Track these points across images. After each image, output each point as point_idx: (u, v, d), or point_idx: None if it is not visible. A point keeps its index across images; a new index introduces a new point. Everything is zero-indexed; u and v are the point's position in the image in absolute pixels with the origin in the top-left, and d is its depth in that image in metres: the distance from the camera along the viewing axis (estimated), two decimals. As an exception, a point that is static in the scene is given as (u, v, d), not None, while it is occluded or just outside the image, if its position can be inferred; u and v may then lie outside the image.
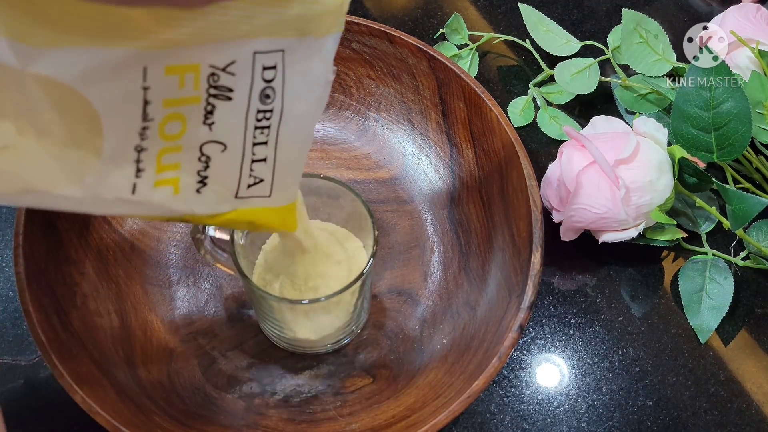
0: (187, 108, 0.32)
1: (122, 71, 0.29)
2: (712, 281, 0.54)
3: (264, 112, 0.35)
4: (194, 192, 0.36)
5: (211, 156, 0.35)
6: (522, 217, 0.48)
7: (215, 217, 0.38)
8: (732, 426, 0.50)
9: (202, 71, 0.31)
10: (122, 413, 0.42)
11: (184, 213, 0.36)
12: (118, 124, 0.30)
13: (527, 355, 0.52)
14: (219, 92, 0.33)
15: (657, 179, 0.51)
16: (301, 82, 0.34)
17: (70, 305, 0.46)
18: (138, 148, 0.32)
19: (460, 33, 0.65)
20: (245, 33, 0.31)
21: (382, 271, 0.53)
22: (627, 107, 0.61)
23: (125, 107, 0.30)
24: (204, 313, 0.51)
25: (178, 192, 0.35)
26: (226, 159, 0.35)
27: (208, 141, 0.34)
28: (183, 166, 0.34)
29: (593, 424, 0.50)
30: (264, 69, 0.33)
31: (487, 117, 0.51)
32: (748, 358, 0.53)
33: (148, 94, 0.30)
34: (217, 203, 0.37)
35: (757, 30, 0.58)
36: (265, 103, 0.34)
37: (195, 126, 0.33)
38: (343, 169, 0.57)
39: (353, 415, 0.47)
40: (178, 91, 0.31)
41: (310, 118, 0.37)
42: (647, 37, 0.60)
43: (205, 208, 0.37)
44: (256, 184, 0.38)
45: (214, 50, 0.31)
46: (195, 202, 0.36)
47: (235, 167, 0.36)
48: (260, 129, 0.35)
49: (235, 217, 0.38)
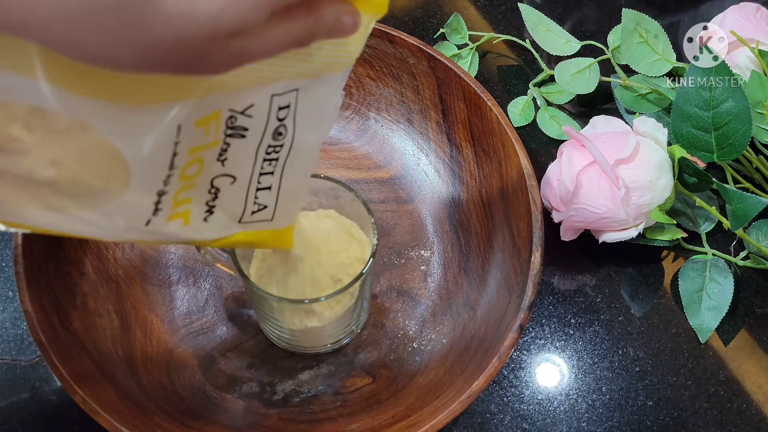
0: (207, 152, 0.33)
1: (156, 129, 0.29)
2: (712, 281, 0.54)
3: (274, 147, 0.35)
4: (202, 221, 0.36)
5: (221, 188, 0.36)
6: (522, 217, 0.48)
7: (217, 241, 0.38)
8: (732, 426, 0.50)
9: (222, 116, 0.32)
10: (122, 413, 0.42)
11: (191, 240, 0.37)
12: (145, 173, 0.31)
13: (527, 355, 0.52)
14: (234, 132, 0.33)
15: (657, 179, 0.51)
16: (311, 114, 0.35)
17: (70, 305, 0.46)
18: (160, 192, 0.32)
19: (460, 33, 0.65)
20: (267, 80, 0.32)
21: (382, 271, 0.53)
22: (627, 107, 0.61)
23: (155, 160, 0.31)
24: (204, 312, 0.51)
25: (188, 223, 0.35)
26: (234, 190, 0.36)
27: (219, 175, 0.35)
28: (195, 200, 0.35)
29: (593, 424, 0.50)
30: (279, 109, 0.33)
31: (487, 117, 0.51)
32: (748, 358, 0.53)
33: (178, 147, 0.31)
34: (222, 229, 0.38)
35: (757, 30, 0.58)
36: (277, 139, 0.35)
37: (210, 165, 0.34)
38: (343, 168, 0.57)
39: (353, 415, 0.47)
40: (203, 138, 0.32)
41: (316, 147, 0.37)
42: (647, 36, 0.60)
43: (210, 234, 0.37)
44: (260, 211, 0.38)
45: (236, 97, 0.31)
46: (202, 230, 0.37)
47: (241, 196, 0.37)
48: (269, 161, 0.36)
49: (237, 240, 0.39)
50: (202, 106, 0.30)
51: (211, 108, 0.31)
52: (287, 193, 0.38)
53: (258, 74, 0.31)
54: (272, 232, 0.40)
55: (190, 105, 0.30)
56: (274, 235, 0.41)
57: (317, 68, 0.32)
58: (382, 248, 0.53)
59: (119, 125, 0.29)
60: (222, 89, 0.30)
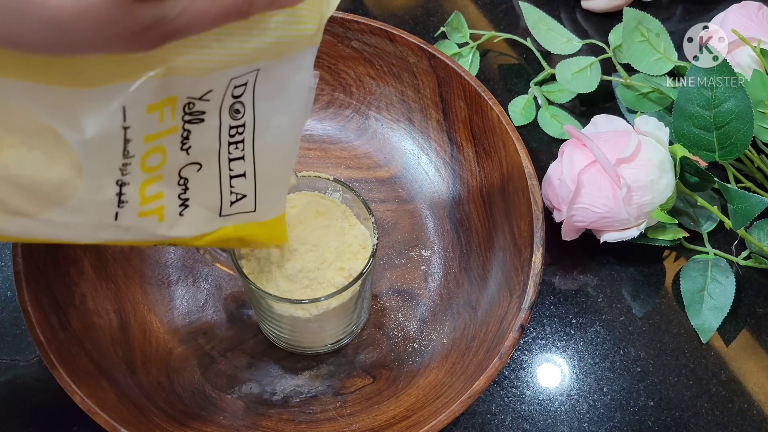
0: (166, 139, 0.32)
1: (98, 112, 0.29)
2: (713, 281, 0.54)
3: (236, 128, 0.34)
4: (178, 216, 0.35)
5: (189, 177, 0.35)
6: (523, 217, 0.48)
7: (202, 238, 0.37)
8: (733, 426, 0.50)
9: (179, 102, 0.31)
10: (121, 413, 0.42)
11: (170, 237, 0.36)
12: (95, 159, 0.30)
13: (528, 355, 0.52)
14: (193, 117, 0.33)
15: (658, 178, 0.51)
16: (274, 94, 0.34)
17: (69, 305, 0.46)
18: (120, 182, 0.32)
19: (461, 31, 0.65)
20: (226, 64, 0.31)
21: (382, 271, 0.52)
22: (628, 106, 0.61)
23: (103, 145, 0.30)
24: (203, 312, 0.51)
25: (163, 219, 0.35)
26: (203, 178, 0.35)
27: (186, 165, 0.34)
28: (165, 194, 0.34)
29: (594, 424, 0.50)
30: (235, 87, 0.33)
31: (488, 116, 0.51)
32: (749, 358, 0.53)
33: (129, 132, 0.30)
34: (202, 224, 0.37)
35: (758, 29, 0.57)
36: (235, 118, 0.34)
37: (174, 154, 0.33)
38: (343, 168, 0.56)
39: (353, 416, 0.47)
40: (158, 125, 0.31)
41: (291, 130, 0.36)
42: (648, 35, 0.60)
43: (190, 230, 0.36)
44: (239, 201, 0.37)
45: (193, 84, 0.31)
46: (180, 226, 0.36)
47: (213, 185, 0.36)
48: (234, 144, 0.35)
49: (222, 236, 0.38)
50: (154, 90, 0.30)
51: (164, 93, 0.30)
52: (266, 180, 0.37)
53: (213, 58, 0.30)
54: (261, 225, 0.39)
55: (136, 88, 0.29)
56: (264, 229, 0.40)
57: (277, 47, 0.32)
58: (383, 248, 0.53)
59: (57, 108, 0.28)
60: (175, 73, 0.30)
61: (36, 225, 0.31)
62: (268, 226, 0.40)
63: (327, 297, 0.42)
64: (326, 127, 0.57)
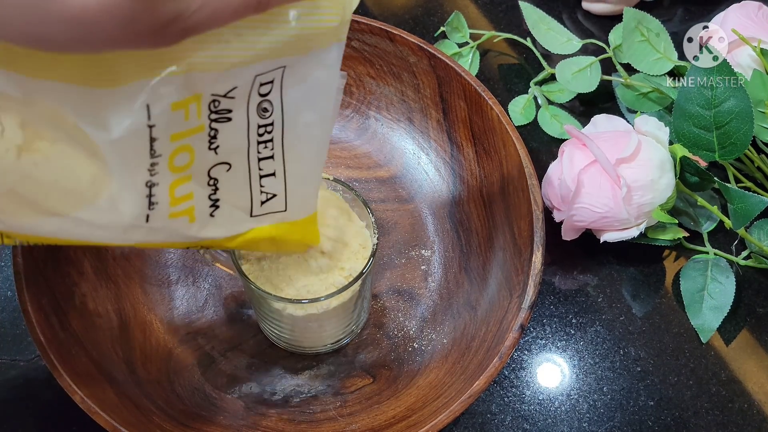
0: (193, 138, 0.32)
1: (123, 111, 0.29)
2: (713, 281, 0.54)
3: (265, 126, 0.34)
4: (209, 217, 0.35)
5: (218, 178, 0.35)
6: (523, 217, 0.48)
7: (234, 239, 0.37)
8: (733, 426, 0.50)
9: (203, 100, 0.31)
10: (121, 413, 0.42)
11: (202, 239, 0.36)
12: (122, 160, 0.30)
13: (528, 355, 0.52)
14: (219, 116, 0.32)
15: (658, 178, 0.51)
16: (302, 92, 0.34)
17: (69, 305, 0.46)
18: (149, 183, 0.32)
19: (461, 31, 0.65)
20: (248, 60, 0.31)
21: (382, 271, 0.52)
22: (628, 106, 0.61)
23: (129, 144, 0.30)
24: (203, 312, 0.51)
25: (194, 220, 0.35)
26: (233, 178, 0.35)
27: (215, 165, 0.34)
28: (195, 195, 0.34)
29: (594, 424, 0.50)
30: (261, 85, 0.33)
31: (488, 116, 0.51)
32: (749, 357, 0.53)
33: (155, 131, 0.30)
34: (234, 224, 0.37)
35: (758, 28, 0.57)
36: (264, 117, 0.34)
37: (202, 153, 0.33)
38: (343, 167, 0.56)
39: (353, 416, 0.47)
40: (184, 123, 0.31)
41: (320, 129, 0.36)
42: (648, 35, 0.60)
43: (221, 231, 0.36)
44: (270, 200, 0.37)
45: (216, 79, 0.31)
46: (211, 227, 0.36)
47: (243, 185, 0.36)
48: (263, 143, 0.35)
49: (255, 236, 0.38)
50: (177, 88, 0.30)
51: (188, 91, 0.30)
52: (296, 179, 0.37)
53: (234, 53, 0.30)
54: (293, 225, 0.39)
55: (159, 85, 0.29)
56: (296, 229, 0.39)
57: (299, 42, 0.32)
58: (383, 248, 0.53)
59: (83, 108, 0.29)
60: (197, 69, 0.30)
61: (66, 224, 0.31)
62: (299, 225, 0.39)
63: (327, 297, 0.42)
64: (326, 126, 0.57)
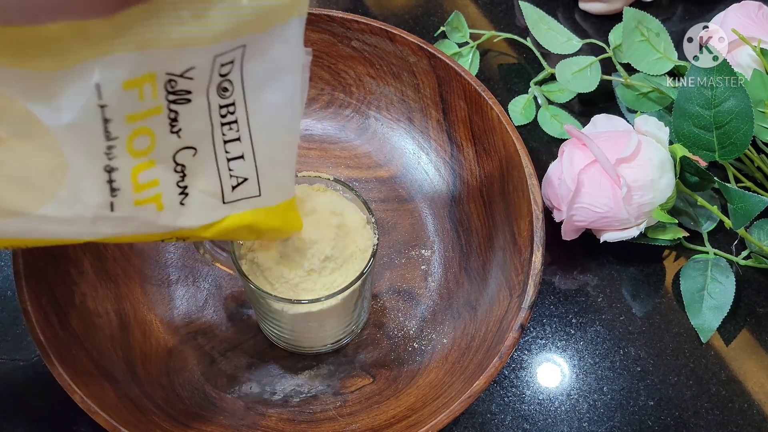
0: (152, 120, 0.31)
1: (71, 92, 0.28)
2: (713, 281, 0.54)
3: (227, 107, 0.33)
4: (179, 205, 0.34)
5: (185, 164, 0.34)
6: (523, 216, 0.48)
7: (210, 228, 0.36)
8: (733, 426, 0.50)
9: (158, 79, 0.31)
10: (121, 413, 0.42)
11: (175, 228, 0.35)
12: (76, 144, 0.30)
13: (528, 354, 0.52)
14: (178, 97, 0.32)
15: (658, 178, 0.51)
16: (263, 69, 0.33)
17: (69, 304, 0.46)
18: (108, 168, 0.31)
19: (461, 31, 0.65)
20: (205, 40, 0.30)
21: (382, 271, 0.52)
22: (628, 106, 0.61)
23: (82, 127, 0.29)
24: (203, 312, 0.50)
25: (162, 208, 0.34)
26: (199, 163, 0.34)
27: (179, 149, 0.33)
28: (162, 181, 0.33)
29: (594, 424, 0.50)
30: (221, 65, 0.32)
31: (488, 115, 0.51)
32: (749, 357, 0.53)
33: (107, 111, 0.30)
34: (207, 212, 0.36)
35: (758, 28, 0.57)
36: (224, 97, 0.33)
37: (163, 137, 0.32)
38: (343, 167, 0.56)
39: (353, 415, 0.47)
40: (140, 104, 0.30)
41: (288, 109, 0.35)
42: (648, 35, 0.60)
43: (195, 220, 0.35)
44: (241, 185, 0.36)
45: (170, 57, 0.30)
46: (183, 215, 0.35)
47: (211, 170, 0.35)
48: (227, 125, 0.34)
49: (231, 224, 0.37)
50: (129, 66, 0.29)
51: (141, 69, 0.30)
52: (268, 162, 0.36)
53: (186, 28, 0.29)
54: (270, 211, 0.38)
55: (109, 63, 0.28)
56: (275, 215, 0.38)
57: (256, 18, 0.31)
58: (383, 247, 0.53)
59: (33, 92, 0.28)
60: (149, 46, 0.29)
61: (33, 223, 0.31)
62: (278, 211, 0.38)
63: (327, 297, 0.42)
64: (326, 126, 0.57)
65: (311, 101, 0.57)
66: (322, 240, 0.42)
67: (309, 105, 0.57)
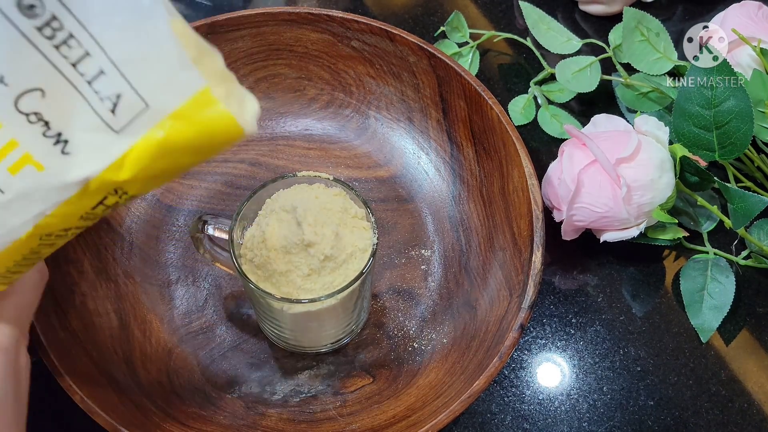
0: None
1: None
2: (713, 280, 0.54)
3: (48, 25, 0.27)
4: (61, 155, 0.29)
5: (39, 110, 0.29)
6: (523, 216, 0.48)
7: (123, 167, 0.30)
8: (733, 425, 0.50)
9: None
10: (121, 413, 0.42)
11: (78, 182, 0.30)
12: None
13: (528, 354, 0.52)
14: None
15: (658, 178, 0.51)
16: None
17: (69, 305, 0.46)
18: None
19: (461, 31, 0.65)
20: None
21: (382, 271, 0.52)
22: (628, 105, 0.61)
23: None
24: (203, 312, 0.50)
25: (42, 168, 0.29)
26: (55, 101, 0.29)
27: (17, 96, 0.28)
28: (21, 140, 0.29)
29: (594, 423, 0.50)
30: None
31: (488, 115, 0.51)
32: (749, 357, 0.53)
33: None
34: (104, 150, 0.30)
35: (758, 28, 0.57)
36: (34, 15, 0.27)
37: None
38: (342, 167, 0.56)
39: (353, 415, 0.47)
40: None
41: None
42: (648, 35, 0.60)
43: (93, 165, 0.30)
44: (119, 103, 0.29)
45: None
46: (75, 164, 0.30)
47: (77, 103, 0.29)
48: (63, 44, 0.28)
49: (143, 153, 0.30)
50: None
51: None
52: (134, 63, 0.29)
53: None
54: (177, 119, 0.29)
55: None
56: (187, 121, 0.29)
57: None
58: (382, 247, 0.53)
59: None
60: None
61: None
62: (188, 115, 0.29)
63: (327, 297, 0.42)
64: (326, 126, 0.57)
65: (311, 101, 0.57)
66: (322, 240, 0.42)
67: (309, 105, 0.57)
